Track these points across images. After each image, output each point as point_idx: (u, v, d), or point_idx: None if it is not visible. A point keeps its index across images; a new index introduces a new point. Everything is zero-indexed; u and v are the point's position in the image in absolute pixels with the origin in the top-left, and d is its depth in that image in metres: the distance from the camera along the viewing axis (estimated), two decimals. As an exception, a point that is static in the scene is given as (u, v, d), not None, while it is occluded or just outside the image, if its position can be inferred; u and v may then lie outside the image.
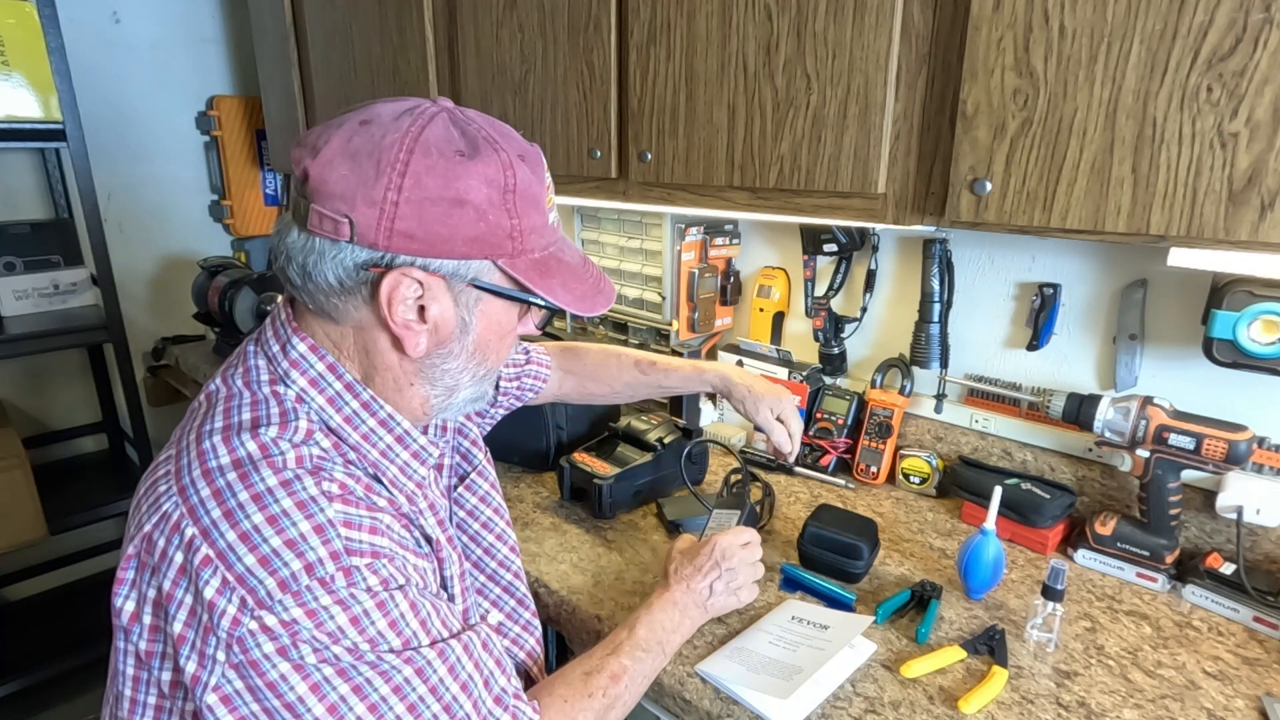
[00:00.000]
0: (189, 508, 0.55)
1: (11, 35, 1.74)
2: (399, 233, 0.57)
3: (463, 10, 1.44)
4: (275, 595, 0.52)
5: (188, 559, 0.53)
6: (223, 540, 0.53)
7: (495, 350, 0.68)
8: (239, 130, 2.39)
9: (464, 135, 0.59)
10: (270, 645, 0.52)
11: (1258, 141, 0.67)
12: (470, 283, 0.61)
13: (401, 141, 0.57)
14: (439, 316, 0.61)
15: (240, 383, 0.63)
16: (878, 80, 0.90)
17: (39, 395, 2.26)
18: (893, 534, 1.15)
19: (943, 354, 1.27)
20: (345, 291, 0.60)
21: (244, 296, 1.90)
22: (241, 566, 0.53)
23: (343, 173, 0.57)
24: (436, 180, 0.57)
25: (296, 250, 0.60)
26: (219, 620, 0.52)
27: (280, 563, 0.53)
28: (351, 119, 0.59)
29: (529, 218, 0.62)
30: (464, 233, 0.58)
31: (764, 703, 0.78)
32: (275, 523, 0.54)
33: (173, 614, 0.54)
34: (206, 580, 0.53)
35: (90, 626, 2.19)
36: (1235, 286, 0.93)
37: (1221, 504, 0.99)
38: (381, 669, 0.55)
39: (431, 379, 0.66)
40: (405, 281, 0.59)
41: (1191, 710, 0.79)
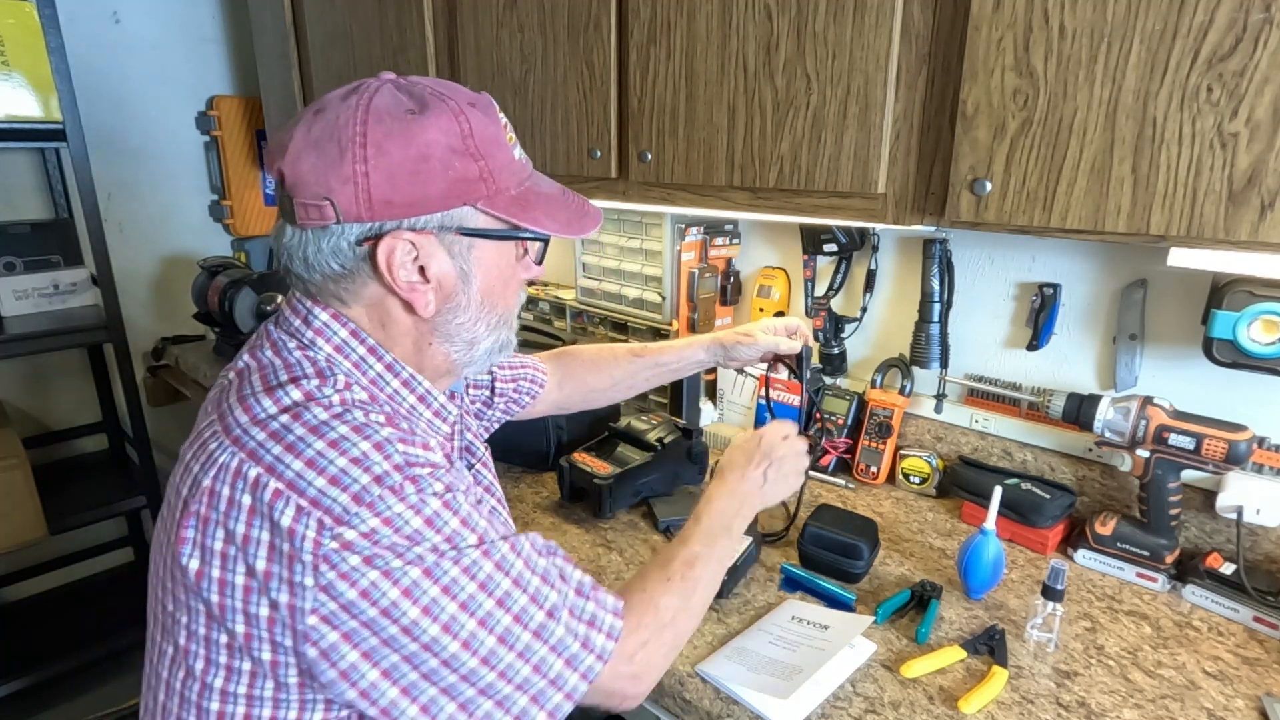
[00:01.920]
0: (248, 452, 0.56)
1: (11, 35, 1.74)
2: (377, 201, 0.60)
3: (463, 10, 1.44)
4: (351, 509, 0.54)
5: (257, 498, 0.55)
6: (290, 471, 0.55)
7: (502, 296, 0.70)
8: (239, 130, 2.39)
9: (411, 96, 0.62)
10: (355, 559, 0.54)
11: (1258, 141, 0.67)
12: (458, 231, 0.64)
13: (354, 116, 0.60)
14: (439, 273, 0.64)
15: (269, 354, 0.65)
16: (878, 80, 0.90)
17: (39, 395, 2.26)
18: (893, 534, 1.15)
19: (943, 354, 1.27)
20: (348, 274, 0.63)
21: (244, 296, 1.90)
22: (314, 490, 0.54)
23: (311, 161, 0.60)
24: (396, 143, 0.59)
25: (295, 247, 0.63)
26: (301, 545, 0.53)
27: (350, 479, 0.55)
28: (306, 113, 0.63)
29: (494, 157, 0.64)
30: (436, 185, 0.61)
31: (764, 703, 0.78)
32: (337, 446, 0.56)
33: (254, 554, 0.55)
34: (281, 511, 0.54)
35: (90, 626, 2.19)
36: (1235, 286, 0.93)
37: (1221, 504, 0.99)
38: (464, 565, 0.57)
39: (448, 335, 0.68)
40: (399, 245, 0.62)
41: (1191, 710, 0.79)
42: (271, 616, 0.55)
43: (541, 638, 0.59)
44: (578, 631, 0.62)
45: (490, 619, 0.57)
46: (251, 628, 0.56)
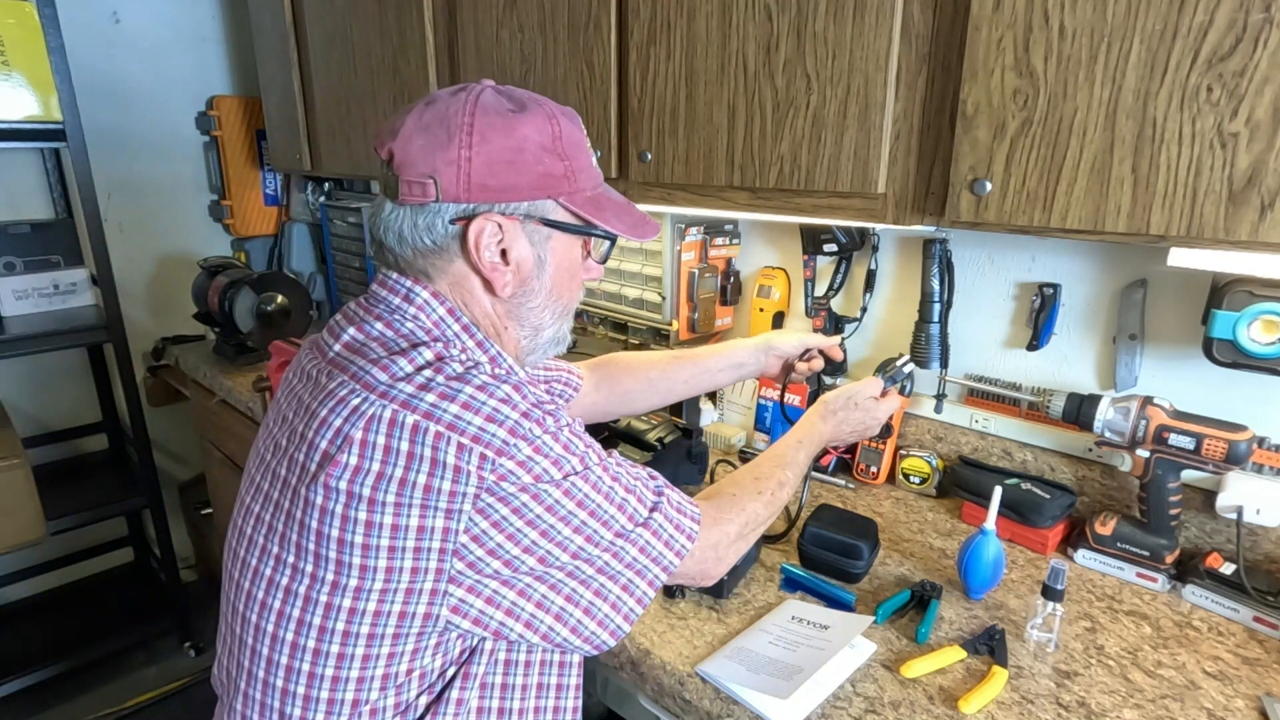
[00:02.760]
0: (400, 404, 0.61)
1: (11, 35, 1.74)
2: (475, 184, 0.67)
3: (463, 10, 1.44)
4: (509, 441, 0.61)
5: (415, 442, 0.60)
6: (447, 415, 0.61)
7: (568, 288, 0.78)
8: (239, 130, 2.39)
9: (510, 99, 0.70)
10: (510, 486, 0.61)
11: (1258, 141, 0.67)
12: (540, 220, 0.72)
13: (464, 108, 0.68)
14: (519, 257, 0.72)
15: (379, 327, 0.69)
16: (878, 80, 0.90)
17: (39, 395, 2.26)
18: (893, 534, 1.15)
19: (943, 354, 1.27)
20: (439, 249, 0.70)
21: (244, 296, 1.90)
22: (474, 428, 0.61)
23: (421, 144, 0.67)
24: (498, 134, 0.67)
25: (393, 221, 0.70)
26: (466, 479, 0.60)
27: (502, 416, 0.62)
28: (417, 104, 0.70)
29: (577, 159, 0.73)
30: (527, 176, 0.69)
31: (764, 703, 0.78)
32: (484, 389, 0.63)
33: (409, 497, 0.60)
34: (444, 450, 0.60)
35: (90, 626, 2.20)
36: (1235, 286, 0.93)
37: (1221, 504, 0.99)
38: (592, 480, 0.66)
39: (521, 319, 0.76)
40: (488, 226, 0.69)
41: (1191, 710, 0.79)
42: (418, 548, 0.60)
43: (648, 527, 0.69)
44: (671, 518, 0.72)
45: (612, 519, 0.67)
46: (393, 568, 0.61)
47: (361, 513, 0.60)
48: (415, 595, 0.62)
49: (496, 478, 0.61)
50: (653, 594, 0.70)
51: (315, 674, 0.64)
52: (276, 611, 0.64)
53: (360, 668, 0.64)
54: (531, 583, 0.64)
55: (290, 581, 0.63)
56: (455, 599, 0.63)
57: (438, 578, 0.62)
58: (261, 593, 0.66)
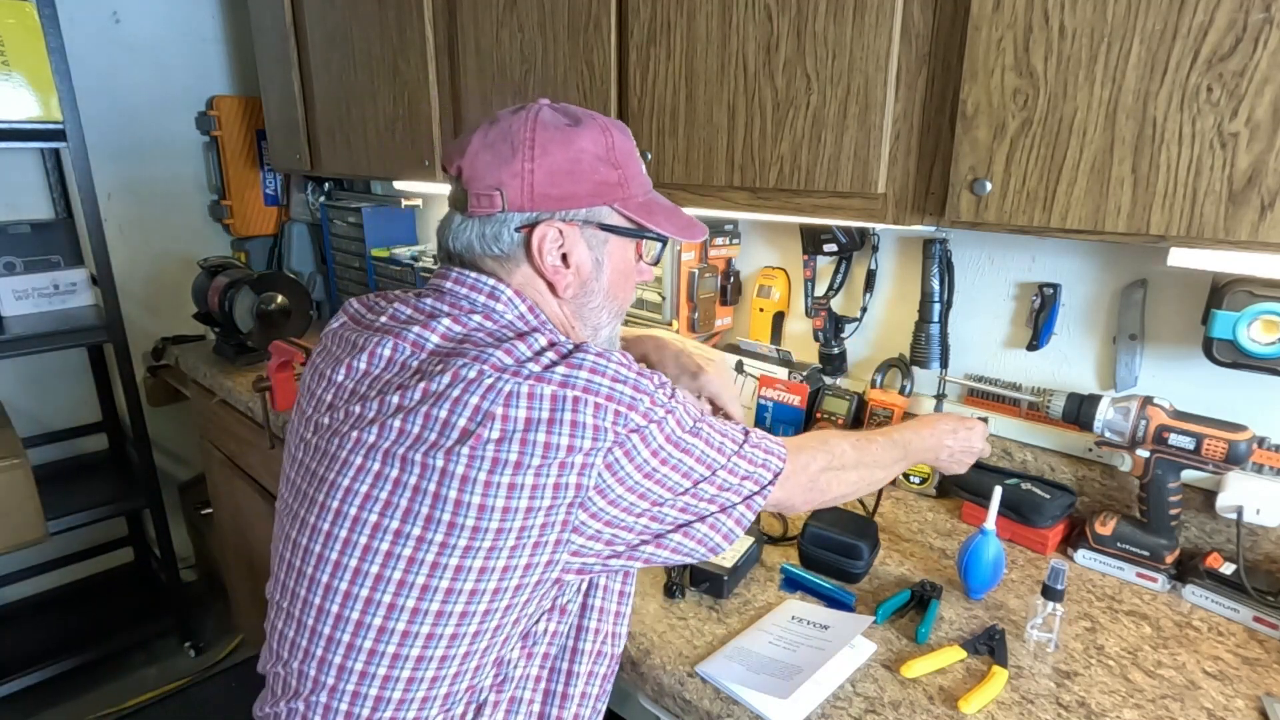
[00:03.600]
0: (535, 378, 0.66)
1: (11, 35, 1.74)
2: (538, 194, 0.73)
3: (463, 10, 1.44)
4: (635, 395, 0.68)
5: (556, 408, 0.65)
6: (580, 380, 0.66)
7: (623, 288, 0.83)
8: (239, 130, 2.39)
9: (566, 114, 0.76)
10: (635, 437, 0.67)
11: (1258, 141, 0.67)
12: (597, 225, 0.77)
13: (525, 125, 0.74)
14: (578, 260, 0.77)
15: (479, 319, 0.73)
16: (878, 80, 0.90)
17: (39, 395, 2.26)
18: (893, 534, 1.16)
19: (943, 354, 1.27)
20: (506, 256, 0.76)
21: (244, 296, 1.90)
22: (605, 389, 0.67)
23: (487, 159, 0.73)
24: (557, 147, 0.73)
25: (462, 232, 0.77)
26: (602, 436, 0.65)
27: (624, 375, 0.69)
28: (481, 125, 0.76)
29: (629, 167, 0.78)
30: (585, 185, 0.75)
31: (764, 703, 0.78)
32: (603, 357, 0.69)
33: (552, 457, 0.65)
34: (582, 410, 0.65)
35: (90, 626, 2.20)
36: (1235, 286, 0.93)
37: (1221, 504, 0.99)
38: (691, 426, 0.72)
39: (584, 318, 0.81)
40: (550, 232, 0.75)
41: (1191, 710, 0.79)
42: (551, 505, 0.65)
43: (743, 456, 0.75)
44: (761, 444, 0.78)
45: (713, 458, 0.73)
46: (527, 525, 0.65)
47: (505, 477, 0.64)
48: (541, 547, 0.67)
49: (627, 430, 0.66)
50: (751, 515, 0.76)
51: (434, 635, 0.68)
52: (396, 582, 0.67)
53: (480, 621, 0.68)
54: (647, 523, 0.70)
55: (414, 551, 0.66)
56: (576, 544, 0.68)
57: (563, 529, 0.67)
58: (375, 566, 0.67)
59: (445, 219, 0.79)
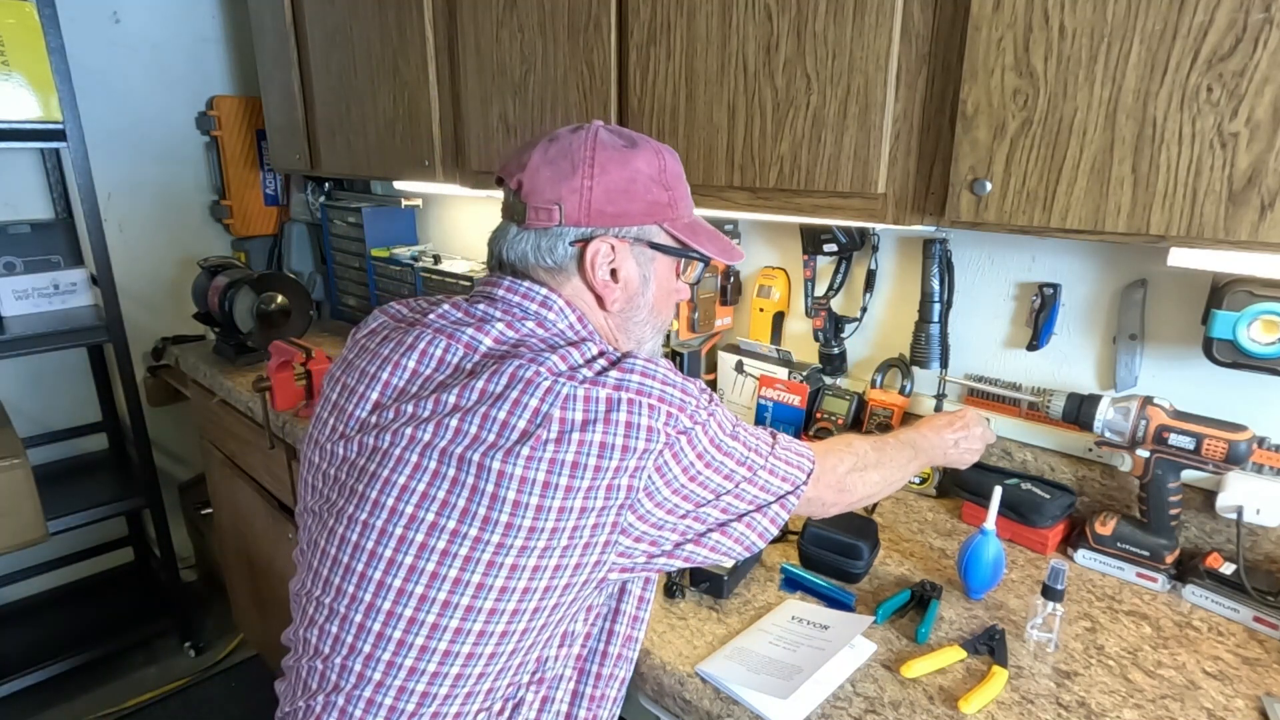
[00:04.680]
0: (590, 382, 0.68)
1: (11, 35, 1.74)
2: (595, 210, 0.76)
3: (463, 10, 1.44)
4: (684, 399, 0.70)
5: (611, 409, 0.67)
6: (634, 384, 0.69)
7: (666, 305, 0.86)
8: (239, 130, 2.39)
9: (621, 136, 0.78)
10: (683, 440, 0.69)
11: (1258, 141, 0.67)
12: (647, 243, 0.80)
13: (585, 144, 0.76)
14: (627, 275, 0.79)
15: (531, 325, 0.75)
16: (878, 80, 0.90)
17: (39, 395, 2.27)
18: (893, 534, 1.16)
19: (943, 354, 1.27)
20: (559, 268, 0.78)
21: (244, 296, 1.90)
22: (657, 391, 0.69)
23: (547, 175, 0.76)
24: (615, 166, 0.76)
25: (517, 243, 0.79)
26: (655, 437, 0.67)
27: (673, 379, 0.71)
28: (540, 141, 0.78)
29: (678, 190, 0.81)
30: (638, 204, 0.78)
31: (764, 703, 0.78)
32: (652, 362, 0.71)
33: (609, 456, 0.66)
34: (638, 413, 0.67)
35: (90, 626, 2.20)
36: (1235, 286, 0.93)
37: (1221, 504, 0.99)
38: (730, 430, 0.74)
39: (628, 332, 0.84)
40: (602, 247, 0.77)
41: (1191, 710, 0.79)
42: (604, 505, 0.67)
43: (776, 456, 0.77)
44: (791, 447, 0.80)
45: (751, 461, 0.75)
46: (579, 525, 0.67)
47: (563, 478, 0.66)
48: (590, 548, 0.68)
49: (676, 432, 0.68)
50: (786, 514, 0.78)
51: (485, 632, 0.69)
52: (451, 580, 0.67)
53: (529, 619, 0.70)
54: (690, 524, 0.72)
55: (470, 550, 0.67)
56: (623, 546, 0.70)
57: (612, 530, 0.68)
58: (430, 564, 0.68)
59: (500, 229, 0.81)
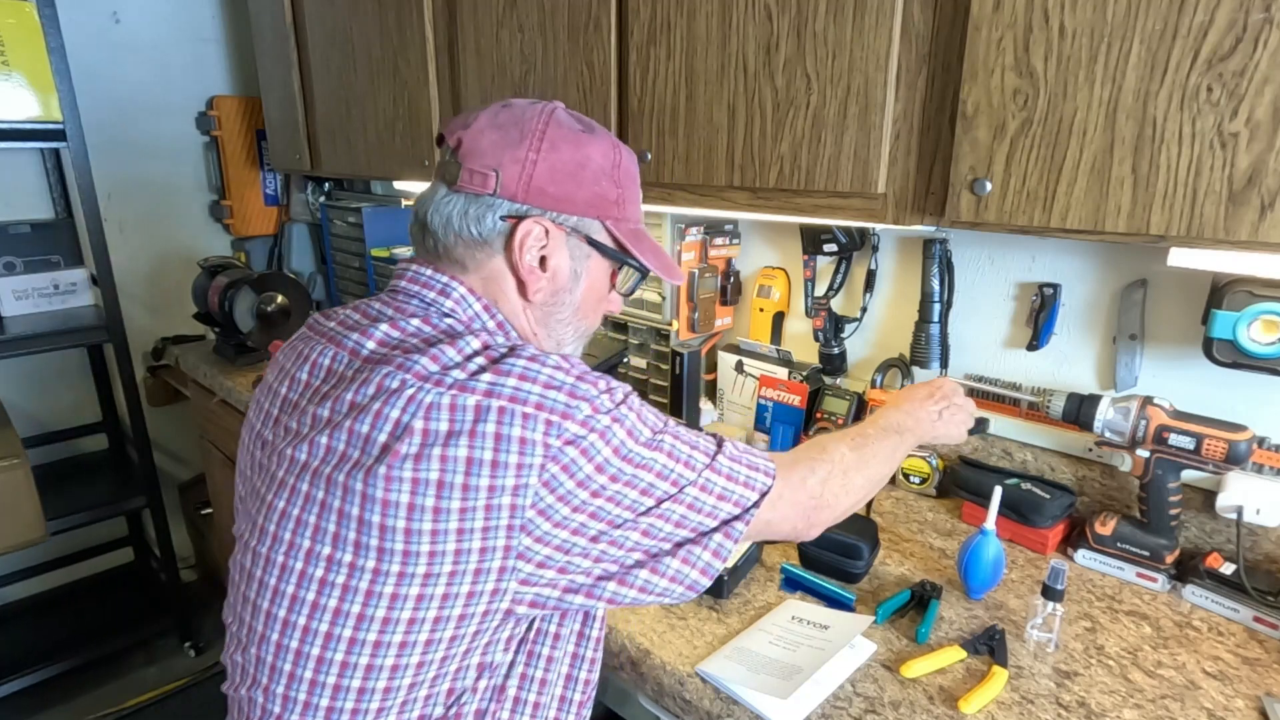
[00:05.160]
0: (458, 388, 0.61)
1: (11, 35, 1.74)
2: (535, 187, 0.70)
3: (463, 10, 1.44)
4: (570, 403, 0.62)
5: (479, 421, 0.60)
6: (506, 389, 0.61)
7: (593, 310, 0.80)
8: (239, 130, 2.39)
9: (580, 121, 0.74)
10: (574, 451, 0.61)
11: (1258, 141, 0.67)
12: (585, 237, 0.74)
13: (539, 116, 0.71)
14: (557, 266, 0.73)
15: (416, 323, 0.69)
16: (878, 80, 0.90)
17: (39, 395, 2.26)
18: (893, 534, 1.16)
19: (943, 354, 1.27)
20: (482, 242, 0.72)
21: (244, 296, 1.90)
22: (535, 397, 0.61)
23: (492, 138, 0.70)
24: (567, 146, 0.71)
25: (444, 205, 0.72)
26: (531, 450, 0.60)
27: (559, 380, 0.63)
28: (493, 105, 0.73)
29: (629, 191, 0.76)
30: (584, 192, 0.72)
31: (764, 703, 0.78)
32: (536, 360, 0.64)
33: (476, 474, 0.60)
34: (508, 423, 0.60)
35: (90, 626, 2.20)
36: (1235, 286, 0.93)
37: (1221, 504, 0.99)
38: (648, 438, 0.66)
39: (547, 328, 0.77)
40: (536, 229, 0.71)
41: (1191, 710, 0.79)
42: (486, 527, 0.60)
43: (718, 471, 0.68)
44: (741, 459, 0.71)
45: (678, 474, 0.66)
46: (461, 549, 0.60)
47: (429, 499, 0.60)
48: (483, 575, 0.62)
49: (562, 443, 0.61)
50: (731, 545, 0.68)
51: (374, 666, 0.63)
52: (331, 610, 0.62)
53: (422, 652, 0.64)
54: (607, 549, 0.64)
55: (347, 579, 0.62)
56: (524, 573, 0.63)
57: (505, 555, 0.61)
58: (311, 594, 0.63)
59: (428, 190, 0.74)
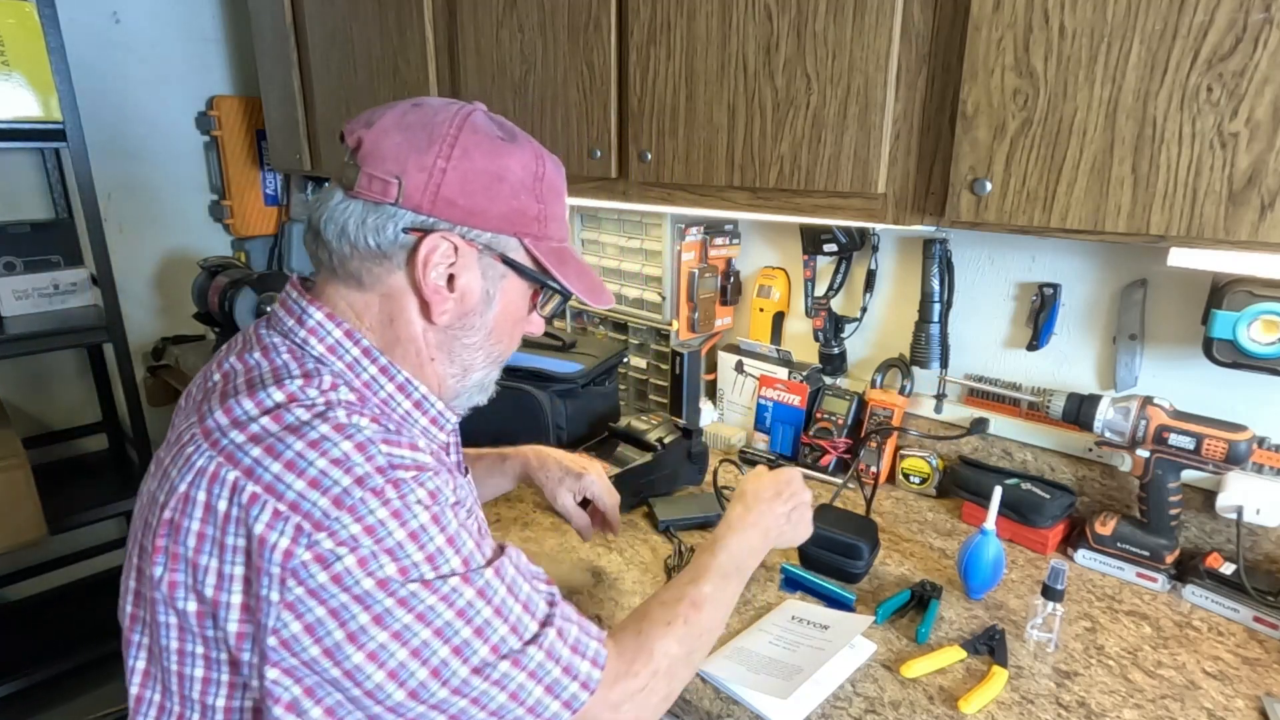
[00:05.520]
0: (226, 455, 0.55)
1: (11, 35, 1.74)
2: (443, 198, 0.62)
3: (463, 10, 1.44)
4: (331, 513, 0.52)
5: (233, 502, 0.53)
6: (268, 474, 0.53)
7: (508, 335, 0.72)
8: (239, 130, 2.39)
9: (501, 128, 0.67)
10: (325, 574, 0.52)
11: (1258, 141, 0.67)
12: (500, 255, 0.66)
13: (452, 120, 0.64)
14: (466, 286, 0.66)
15: (257, 356, 0.63)
16: (878, 80, 0.90)
17: (39, 395, 2.26)
18: (893, 534, 1.15)
19: (943, 354, 1.27)
20: (381, 255, 0.64)
21: (244, 296, 1.90)
22: (293, 493, 0.52)
23: (396, 140, 0.62)
24: (482, 154, 0.63)
25: (339, 213, 0.64)
26: (271, 555, 0.51)
27: (330, 480, 0.53)
28: (403, 103, 0.66)
29: (553, 206, 0.69)
30: (500, 207, 0.65)
31: (764, 703, 0.78)
32: (317, 446, 0.54)
33: (230, 560, 0.54)
34: (256, 517, 0.52)
35: (90, 626, 2.19)
36: (1235, 286, 0.93)
37: (1221, 504, 0.99)
38: (443, 593, 0.55)
39: (451, 354, 0.69)
40: (443, 245, 0.63)
41: (1191, 710, 0.79)
42: (240, 631, 0.54)
43: (520, 665, 0.57)
44: (560, 656, 0.60)
45: (466, 647, 0.55)
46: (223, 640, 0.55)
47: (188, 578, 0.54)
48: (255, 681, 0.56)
49: (312, 557, 0.51)
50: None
51: None
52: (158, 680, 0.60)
53: None
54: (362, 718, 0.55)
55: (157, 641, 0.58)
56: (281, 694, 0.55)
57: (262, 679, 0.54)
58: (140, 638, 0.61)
59: (323, 194, 0.66)
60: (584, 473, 1.00)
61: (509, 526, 1.16)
